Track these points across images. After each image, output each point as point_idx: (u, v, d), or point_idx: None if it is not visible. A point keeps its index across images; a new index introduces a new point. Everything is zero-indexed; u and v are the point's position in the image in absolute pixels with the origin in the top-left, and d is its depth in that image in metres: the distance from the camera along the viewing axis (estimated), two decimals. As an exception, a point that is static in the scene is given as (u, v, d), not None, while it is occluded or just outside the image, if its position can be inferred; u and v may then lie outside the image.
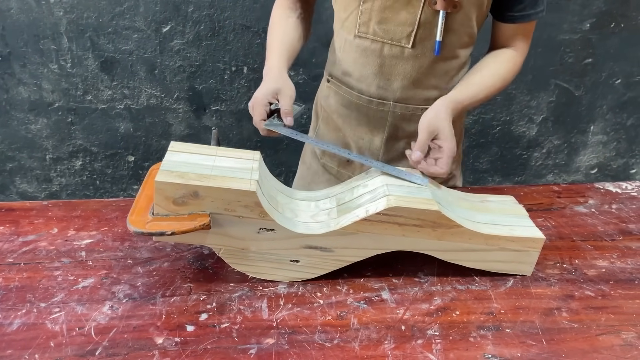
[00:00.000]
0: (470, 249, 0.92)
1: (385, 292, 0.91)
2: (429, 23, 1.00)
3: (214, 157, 0.88)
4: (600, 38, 2.13)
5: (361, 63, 1.08)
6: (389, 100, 1.09)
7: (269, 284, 0.91)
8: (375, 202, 0.88)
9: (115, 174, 2.18)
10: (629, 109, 2.33)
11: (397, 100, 1.09)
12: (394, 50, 1.04)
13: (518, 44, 1.10)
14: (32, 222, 1.03)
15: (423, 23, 1.00)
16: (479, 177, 2.40)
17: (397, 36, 1.02)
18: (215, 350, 0.76)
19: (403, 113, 1.11)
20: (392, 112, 1.10)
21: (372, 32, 1.03)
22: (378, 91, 1.09)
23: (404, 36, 1.02)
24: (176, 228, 0.79)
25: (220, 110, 2.07)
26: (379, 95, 1.09)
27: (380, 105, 1.10)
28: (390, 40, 1.03)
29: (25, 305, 0.83)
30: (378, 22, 1.02)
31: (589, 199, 1.25)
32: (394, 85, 1.08)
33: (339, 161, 1.24)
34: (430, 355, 0.78)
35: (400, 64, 1.05)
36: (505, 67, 1.09)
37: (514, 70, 1.10)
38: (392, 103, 1.09)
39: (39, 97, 1.96)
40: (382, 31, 1.02)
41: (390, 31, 1.02)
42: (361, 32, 1.05)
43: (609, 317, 0.88)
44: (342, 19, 1.08)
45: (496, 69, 1.08)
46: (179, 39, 1.91)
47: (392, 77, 1.07)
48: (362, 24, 1.04)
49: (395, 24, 1.01)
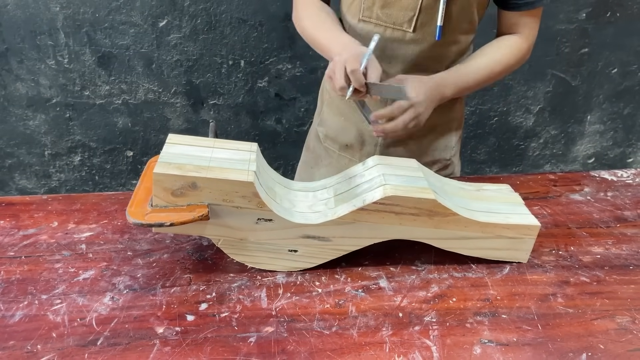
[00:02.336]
0: (467, 236, 0.93)
1: (383, 280, 0.92)
2: (430, 8, 1.02)
3: (212, 149, 0.89)
4: (596, 27, 2.13)
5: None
6: None
7: (267, 274, 0.91)
8: (372, 191, 0.89)
9: (114, 169, 2.18)
10: (625, 98, 2.33)
11: None
12: (395, 34, 1.06)
13: (524, 30, 1.11)
14: (32, 216, 1.04)
15: (424, 8, 1.02)
16: (476, 167, 2.41)
17: (400, 20, 1.05)
18: (215, 339, 0.77)
19: None
20: None
21: (376, 16, 1.06)
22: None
23: (406, 20, 1.04)
24: (175, 219, 0.80)
25: (218, 104, 2.08)
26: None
27: None
28: (392, 24, 1.06)
29: (26, 297, 0.83)
30: (381, 6, 1.05)
31: (584, 187, 1.26)
32: (395, 69, 1.10)
33: (339, 145, 1.27)
34: (427, 341, 0.79)
35: (402, 47, 1.08)
36: (503, 52, 1.10)
37: (517, 55, 1.11)
38: None
39: (36, 93, 1.96)
40: (385, 15, 1.05)
41: (393, 15, 1.04)
42: (365, 16, 1.08)
43: (604, 302, 0.89)
44: (347, 3, 1.12)
45: (493, 53, 1.10)
46: (176, 33, 1.91)
47: (393, 60, 1.09)
48: (366, 9, 1.06)
49: (398, 9, 1.03)
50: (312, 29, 1.11)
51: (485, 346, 0.79)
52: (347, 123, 1.23)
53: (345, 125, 1.24)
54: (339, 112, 1.25)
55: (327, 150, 1.31)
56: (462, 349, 0.78)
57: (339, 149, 1.28)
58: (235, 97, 2.07)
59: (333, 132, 1.28)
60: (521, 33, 1.11)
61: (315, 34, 1.10)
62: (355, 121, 1.21)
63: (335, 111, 1.26)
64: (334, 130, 1.28)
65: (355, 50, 0.95)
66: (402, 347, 0.78)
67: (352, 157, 1.26)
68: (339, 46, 1.00)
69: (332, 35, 1.06)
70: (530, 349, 0.79)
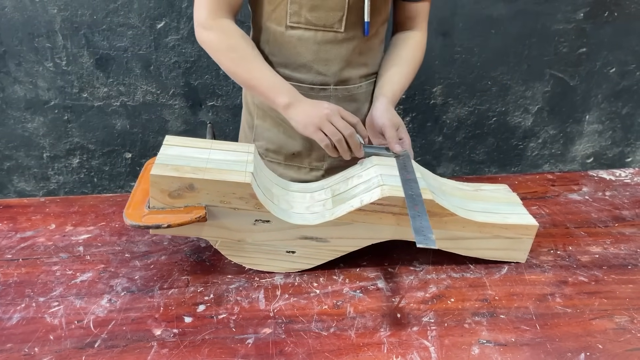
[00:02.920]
0: (464, 237, 0.93)
1: (381, 281, 0.92)
2: (356, 5, 1.04)
3: (209, 150, 0.89)
4: (594, 27, 2.13)
5: (296, 52, 1.09)
6: (330, 85, 1.12)
7: (265, 275, 0.91)
8: (369, 192, 0.89)
9: (112, 171, 2.18)
10: (623, 97, 2.33)
11: (337, 83, 1.12)
12: (327, 36, 1.07)
13: (421, 23, 1.17)
14: (29, 219, 1.04)
15: (352, 6, 1.04)
16: (475, 168, 2.41)
17: (330, 21, 1.05)
18: (213, 341, 0.77)
19: (344, 95, 1.14)
20: (335, 95, 1.13)
21: (305, 21, 1.05)
22: (318, 77, 1.11)
23: (336, 21, 1.05)
24: (172, 221, 0.80)
25: (216, 106, 2.08)
26: (320, 82, 1.11)
27: (322, 92, 1.12)
28: (323, 26, 1.05)
29: (24, 299, 0.83)
30: (309, 9, 1.03)
31: (582, 187, 1.26)
32: (332, 69, 1.10)
33: (284, 156, 1.22)
34: (425, 341, 0.79)
35: (335, 48, 1.08)
36: (417, 53, 1.17)
37: (423, 51, 1.19)
38: (332, 87, 1.12)
39: (35, 95, 1.96)
40: (315, 18, 1.04)
41: (322, 17, 1.04)
42: (293, 22, 1.05)
43: (602, 301, 0.89)
44: (268, 11, 1.07)
45: (411, 56, 1.15)
46: (174, 35, 1.91)
47: (329, 62, 1.10)
48: (293, 14, 1.04)
49: (326, 10, 1.03)
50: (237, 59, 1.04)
51: (484, 346, 0.78)
52: (290, 131, 1.16)
53: (288, 133, 1.18)
54: (276, 123, 1.18)
55: (270, 164, 1.23)
56: (460, 349, 0.78)
57: (285, 159, 1.22)
58: (234, 98, 2.07)
59: (274, 145, 1.21)
60: (418, 26, 1.17)
61: (244, 67, 1.04)
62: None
63: (272, 122, 1.19)
64: (275, 143, 1.21)
65: (334, 109, 0.97)
66: (400, 347, 0.77)
67: (301, 165, 1.22)
68: (291, 98, 1.00)
69: (272, 78, 1.03)
70: (529, 349, 0.79)
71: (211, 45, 1.05)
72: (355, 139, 0.96)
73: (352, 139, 0.96)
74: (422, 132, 2.25)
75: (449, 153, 2.34)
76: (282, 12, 1.05)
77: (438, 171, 2.37)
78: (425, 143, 2.28)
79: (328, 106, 0.97)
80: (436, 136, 2.28)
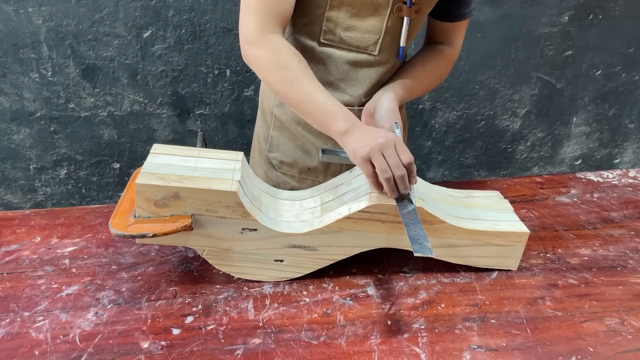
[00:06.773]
0: (454, 244, 0.93)
1: (371, 287, 0.91)
2: (394, 30, 1.01)
3: (196, 159, 0.88)
4: (579, 30, 2.15)
5: (325, 70, 1.05)
6: (354, 106, 1.08)
7: (254, 285, 0.90)
8: (357, 200, 0.88)
9: (100, 181, 2.16)
10: (610, 99, 2.35)
11: (361, 104, 1.07)
12: (360, 57, 1.03)
13: (455, 41, 1.13)
14: (14, 232, 1.02)
15: (389, 30, 1.01)
16: (465, 172, 2.41)
17: (364, 43, 1.02)
18: (202, 352, 0.76)
19: None
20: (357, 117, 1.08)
21: (339, 40, 1.01)
22: (343, 97, 1.07)
23: (371, 43, 1.02)
24: (158, 230, 0.79)
25: (204, 114, 2.07)
26: (345, 101, 1.06)
27: None
28: (356, 47, 1.02)
29: (8, 314, 0.82)
30: (345, 29, 1.00)
31: (571, 189, 1.26)
32: (359, 91, 1.07)
33: (299, 169, 1.17)
34: (416, 348, 0.78)
35: (366, 70, 1.05)
36: (444, 69, 1.14)
37: (450, 68, 1.15)
38: (356, 108, 1.07)
39: (20, 106, 1.94)
40: (349, 38, 1.01)
41: (357, 39, 1.01)
42: (326, 39, 1.02)
43: (592, 304, 0.89)
44: (300, 24, 1.03)
45: (437, 68, 1.12)
46: (160, 44, 1.90)
47: (358, 83, 1.06)
48: (328, 31, 1.01)
49: (362, 32, 1.00)
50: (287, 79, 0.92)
51: (475, 352, 0.78)
52: (307, 145, 1.13)
53: (305, 148, 1.14)
54: (292, 136, 1.14)
55: (282, 176, 1.19)
56: (451, 355, 0.77)
57: (299, 172, 1.17)
58: (222, 106, 2.06)
59: (290, 158, 1.16)
60: (453, 42, 1.13)
61: (295, 88, 0.92)
62: (318, 144, 1.11)
63: (288, 135, 1.14)
64: (290, 156, 1.16)
65: (390, 140, 0.85)
66: (391, 355, 0.77)
67: (315, 179, 1.16)
68: (349, 124, 0.88)
69: (327, 102, 0.91)
70: (520, 353, 0.78)
71: (259, 65, 0.94)
72: (405, 182, 0.84)
73: (402, 181, 0.84)
74: (411, 137, 2.25)
75: (438, 157, 2.34)
76: (316, 27, 1.01)
77: (428, 176, 2.37)
78: (414, 148, 2.28)
79: (384, 135, 0.85)
80: (425, 141, 2.28)
